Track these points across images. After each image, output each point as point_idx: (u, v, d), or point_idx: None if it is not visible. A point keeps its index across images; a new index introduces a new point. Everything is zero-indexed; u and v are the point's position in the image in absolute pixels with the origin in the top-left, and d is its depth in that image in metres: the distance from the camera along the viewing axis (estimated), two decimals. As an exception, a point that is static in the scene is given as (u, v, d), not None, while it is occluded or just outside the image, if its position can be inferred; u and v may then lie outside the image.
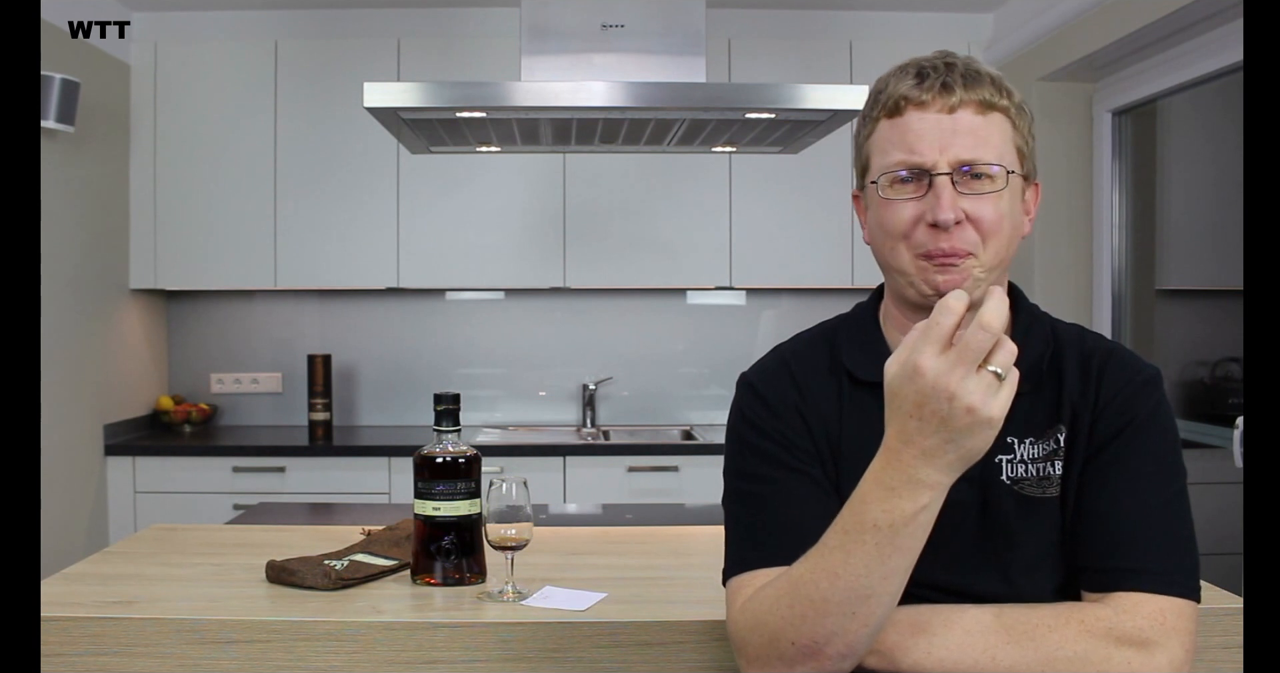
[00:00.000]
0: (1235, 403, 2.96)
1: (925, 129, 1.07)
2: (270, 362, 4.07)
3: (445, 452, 1.61)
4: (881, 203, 1.10)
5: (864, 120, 1.14)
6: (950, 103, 1.07)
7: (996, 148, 1.08)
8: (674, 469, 3.54)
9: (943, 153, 1.07)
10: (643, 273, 3.81)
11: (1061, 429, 1.11)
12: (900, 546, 0.96)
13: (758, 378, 1.20)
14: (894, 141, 1.09)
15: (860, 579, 0.97)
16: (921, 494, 0.94)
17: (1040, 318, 1.18)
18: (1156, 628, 1.02)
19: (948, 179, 1.06)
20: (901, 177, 1.08)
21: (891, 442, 0.95)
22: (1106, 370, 1.12)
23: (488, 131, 2.55)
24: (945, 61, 1.10)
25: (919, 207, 1.07)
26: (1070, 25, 3.23)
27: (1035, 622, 1.03)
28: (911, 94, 1.08)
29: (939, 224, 1.05)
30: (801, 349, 1.22)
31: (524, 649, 1.42)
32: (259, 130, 3.73)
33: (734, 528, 1.16)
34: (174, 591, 1.56)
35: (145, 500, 3.52)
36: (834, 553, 0.99)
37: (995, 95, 1.09)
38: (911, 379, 0.92)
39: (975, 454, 0.93)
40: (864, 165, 1.15)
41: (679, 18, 2.51)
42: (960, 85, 1.07)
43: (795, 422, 1.14)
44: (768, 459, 1.13)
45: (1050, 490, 1.10)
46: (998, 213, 1.07)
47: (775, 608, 1.03)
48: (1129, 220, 3.42)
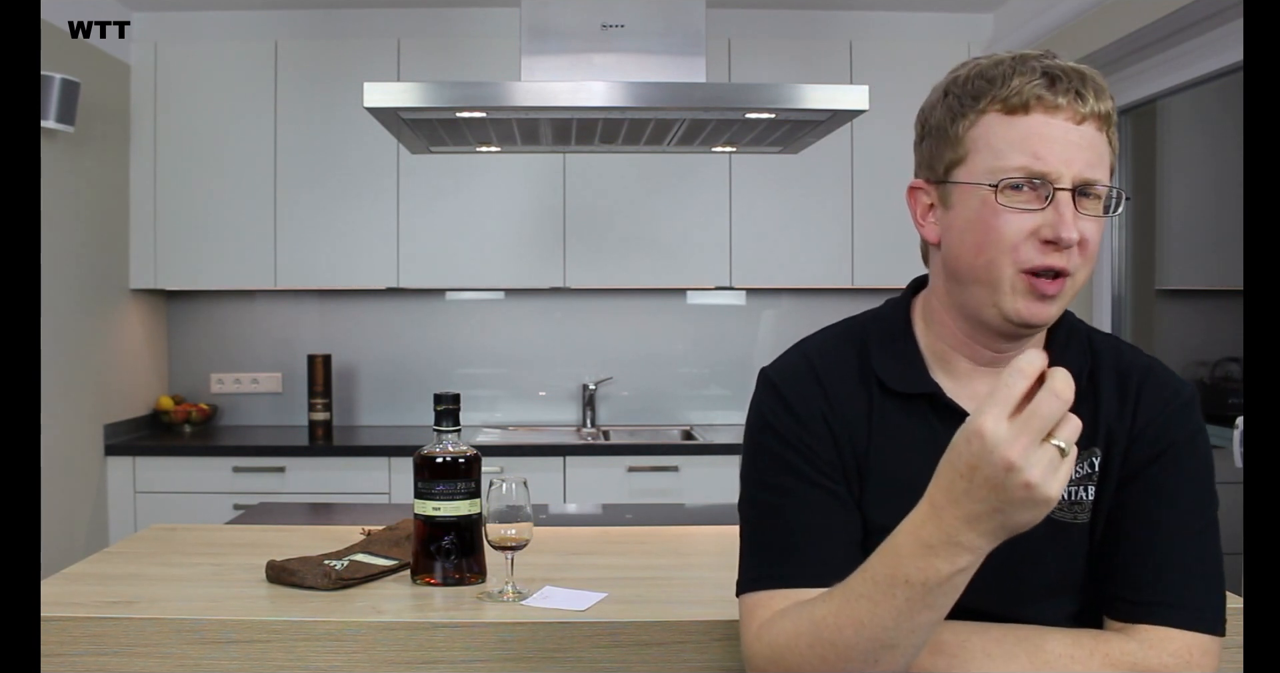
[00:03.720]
0: (1235, 403, 2.96)
1: (1054, 136, 0.99)
2: (270, 362, 4.07)
3: (445, 452, 1.61)
4: (992, 208, 1.00)
5: (960, 107, 1.03)
6: (1081, 112, 1.00)
7: (1106, 169, 1.02)
8: (674, 469, 3.54)
9: (1068, 166, 0.99)
10: (643, 273, 3.81)
11: (1097, 453, 1.07)
12: (931, 603, 0.92)
13: (780, 378, 1.13)
14: (1013, 142, 1.00)
15: (886, 631, 0.93)
16: (961, 557, 0.89)
17: (1078, 329, 1.13)
18: (1182, 666, 1.00)
19: (1070, 194, 0.99)
20: (1019, 183, 1.00)
21: (937, 498, 0.89)
22: (1144, 391, 1.08)
23: (488, 131, 2.55)
24: (1072, 66, 1.02)
25: (1035, 219, 0.99)
26: (1070, 25, 3.23)
27: (1059, 653, 1.00)
28: (1045, 95, 0.99)
29: (1061, 242, 0.98)
30: (829, 351, 1.14)
31: (524, 649, 1.42)
32: (259, 130, 3.73)
33: (750, 539, 1.11)
34: (174, 591, 1.56)
35: (145, 501, 3.52)
36: (861, 602, 0.94)
37: (1114, 113, 1.03)
38: (969, 441, 0.85)
39: (1023, 527, 0.88)
40: (958, 159, 1.04)
41: (679, 18, 2.51)
42: (1092, 95, 1.00)
43: (821, 432, 1.08)
44: (789, 469, 1.08)
45: (1081, 516, 1.07)
46: (1099, 236, 1.02)
47: (794, 645, 0.99)
48: (1129, 220, 3.42)
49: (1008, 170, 1.00)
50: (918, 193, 1.09)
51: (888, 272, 3.68)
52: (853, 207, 3.79)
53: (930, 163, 1.07)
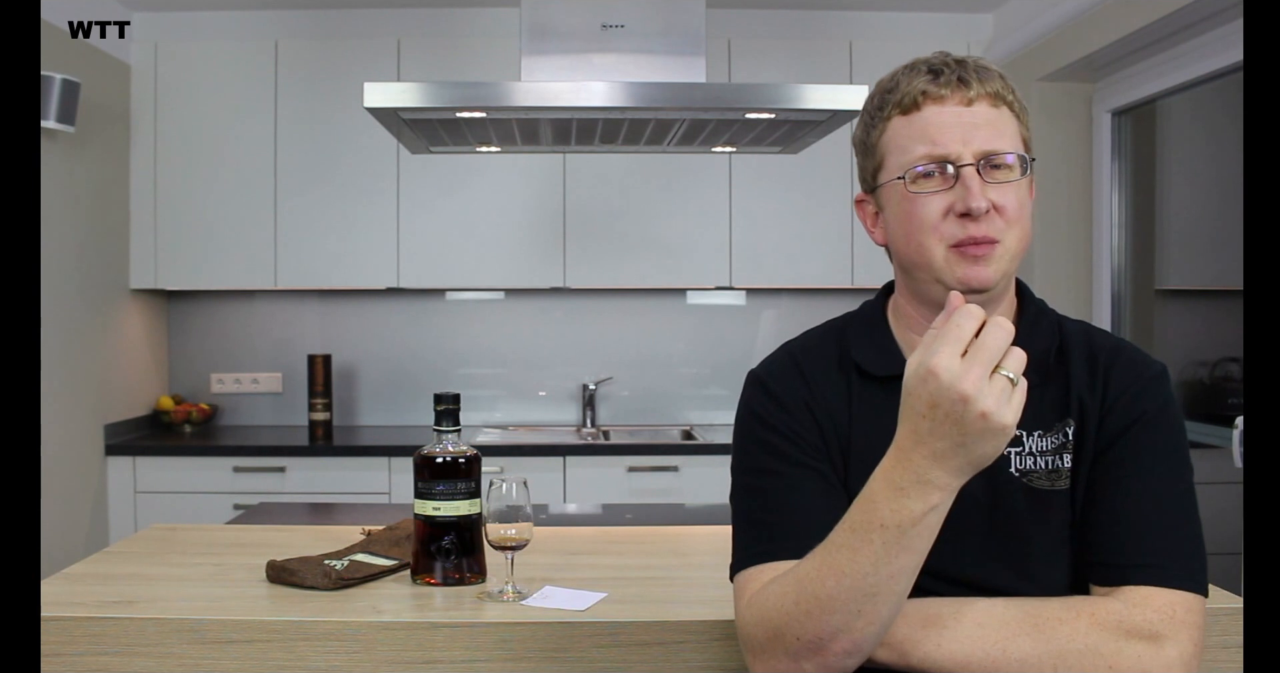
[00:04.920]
0: (1235, 403, 2.96)
1: (946, 122, 1.08)
2: (270, 362, 4.07)
3: (445, 452, 1.61)
4: (908, 197, 1.10)
5: (871, 121, 1.15)
6: (968, 96, 1.09)
7: (1011, 138, 1.10)
8: (674, 469, 3.54)
9: (965, 144, 1.08)
10: (643, 273, 3.81)
11: (1070, 423, 1.12)
12: (907, 546, 0.96)
13: (767, 374, 1.20)
14: (913, 137, 1.09)
15: (866, 578, 0.98)
16: (931, 495, 0.95)
17: (1046, 312, 1.19)
18: (1166, 622, 1.02)
19: (974, 168, 1.07)
20: (927, 170, 1.09)
21: (903, 441, 0.95)
22: (1114, 367, 1.13)
23: (488, 132, 2.55)
24: (955, 59, 1.11)
25: (947, 198, 1.08)
26: (1070, 25, 3.23)
27: (1046, 615, 1.03)
28: (929, 89, 1.09)
29: (971, 212, 1.06)
30: (811, 345, 1.22)
31: (524, 649, 1.42)
32: (259, 130, 3.73)
33: (741, 523, 1.16)
34: (174, 591, 1.57)
35: (145, 500, 3.52)
36: (840, 551, 0.99)
37: (1005, 90, 1.11)
38: (925, 381, 0.92)
39: (986, 460, 0.94)
40: (877, 165, 1.15)
41: (679, 18, 2.51)
42: (975, 79, 1.09)
43: (804, 417, 1.15)
44: (775, 454, 1.14)
45: (1060, 483, 1.11)
46: (1019, 200, 1.09)
47: (781, 604, 1.04)
48: (1129, 220, 3.42)
49: (912, 161, 1.09)
50: (863, 205, 1.21)
51: (887, 272, 3.61)
52: (852, 207, 3.78)
53: (863, 176, 1.19)
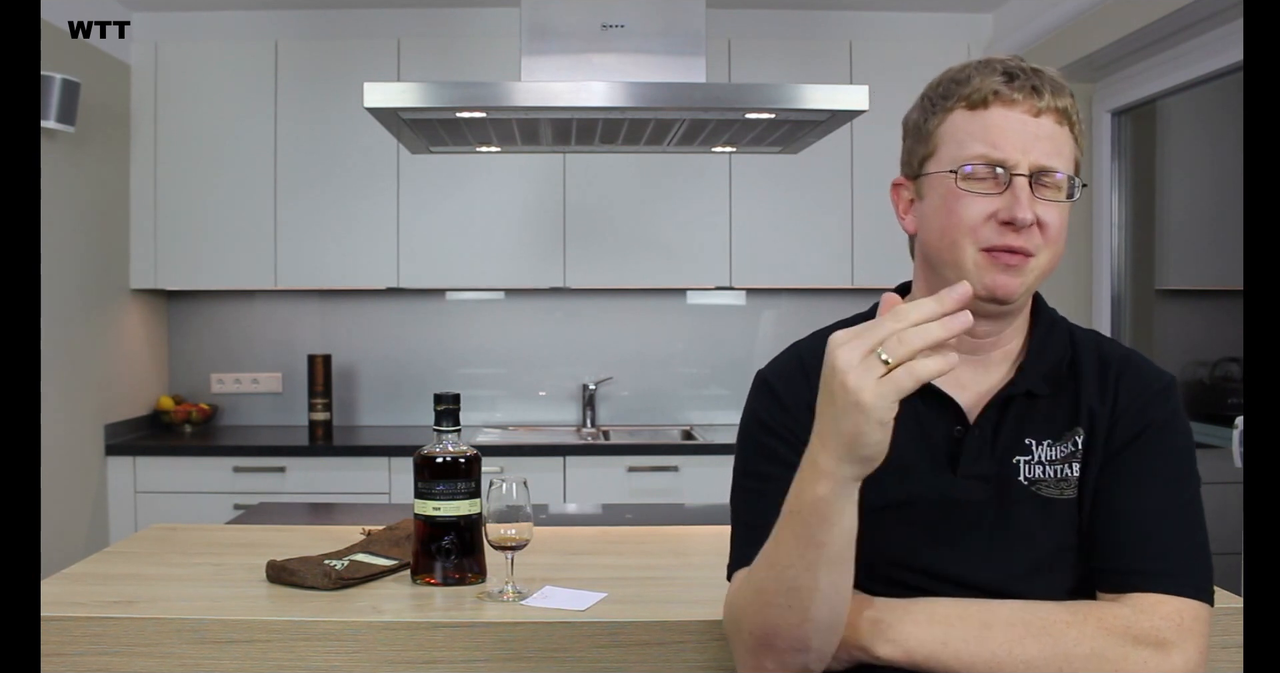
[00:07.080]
0: (1235, 403, 2.96)
1: (1010, 127, 1.07)
2: (270, 362, 4.07)
3: (445, 452, 1.61)
4: (955, 193, 1.08)
5: (932, 107, 1.13)
6: (1037, 106, 1.07)
7: (1067, 160, 1.09)
8: (674, 469, 3.54)
9: (1024, 153, 1.06)
10: (643, 273, 3.81)
11: (1080, 432, 1.12)
12: (811, 537, 0.96)
13: (772, 374, 1.21)
14: (974, 134, 1.08)
15: (787, 570, 0.99)
16: (820, 481, 0.94)
17: (1059, 323, 1.19)
18: (1173, 629, 1.02)
19: (1026, 179, 1.06)
20: (979, 171, 1.07)
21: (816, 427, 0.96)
22: (1124, 377, 1.13)
23: (488, 132, 2.55)
24: (1031, 66, 1.10)
25: (994, 203, 1.07)
26: (1070, 25, 3.23)
27: (1053, 619, 1.04)
28: (1002, 90, 1.07)
29: (1015, 222, 1.05)
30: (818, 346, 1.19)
31: (524, 649, 1.42)
32: (259, 130, 3.73)
33: (737, 525, 1.17)
34: (174, 591, 1.56)
35: (145, 500, 3.52)
36: (772, 542, 1.02)
37: (1072, 109, 1.10)
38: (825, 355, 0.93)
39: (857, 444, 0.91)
40: (928, 153, 1.13)
41: (679, 18, 2.50)
42: (1048, 91, 1.08)
43: (806, 418, 1.12)
44: (775, 458, 1.14)
45: (1068, 492, 1.11)
46: (1061, 221, 1.09)
47: (738, 600, 1.07)
48: (1129, 220, 3.42)
49: (968, 158, 1.08)
50: (899, 189, 1.19)
51: (888, 272, 3.67)
52: (852, 207, 3.79)
53: (908, 160, 1.17)
